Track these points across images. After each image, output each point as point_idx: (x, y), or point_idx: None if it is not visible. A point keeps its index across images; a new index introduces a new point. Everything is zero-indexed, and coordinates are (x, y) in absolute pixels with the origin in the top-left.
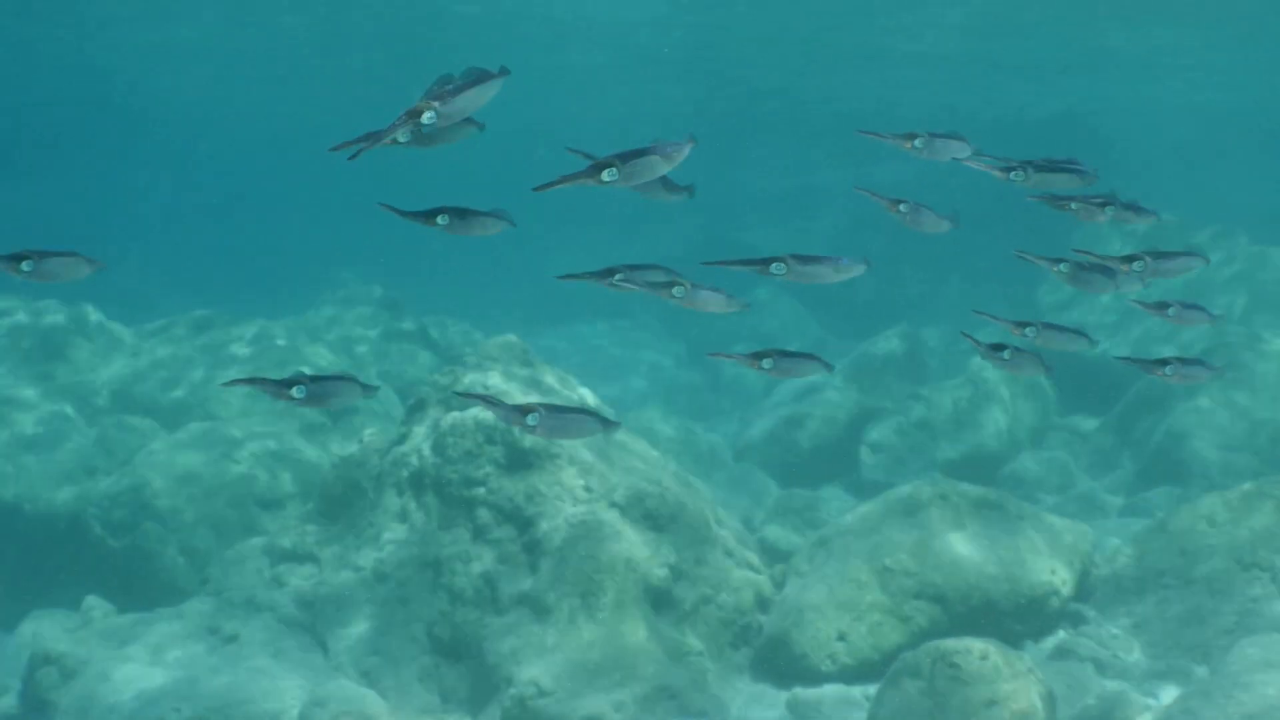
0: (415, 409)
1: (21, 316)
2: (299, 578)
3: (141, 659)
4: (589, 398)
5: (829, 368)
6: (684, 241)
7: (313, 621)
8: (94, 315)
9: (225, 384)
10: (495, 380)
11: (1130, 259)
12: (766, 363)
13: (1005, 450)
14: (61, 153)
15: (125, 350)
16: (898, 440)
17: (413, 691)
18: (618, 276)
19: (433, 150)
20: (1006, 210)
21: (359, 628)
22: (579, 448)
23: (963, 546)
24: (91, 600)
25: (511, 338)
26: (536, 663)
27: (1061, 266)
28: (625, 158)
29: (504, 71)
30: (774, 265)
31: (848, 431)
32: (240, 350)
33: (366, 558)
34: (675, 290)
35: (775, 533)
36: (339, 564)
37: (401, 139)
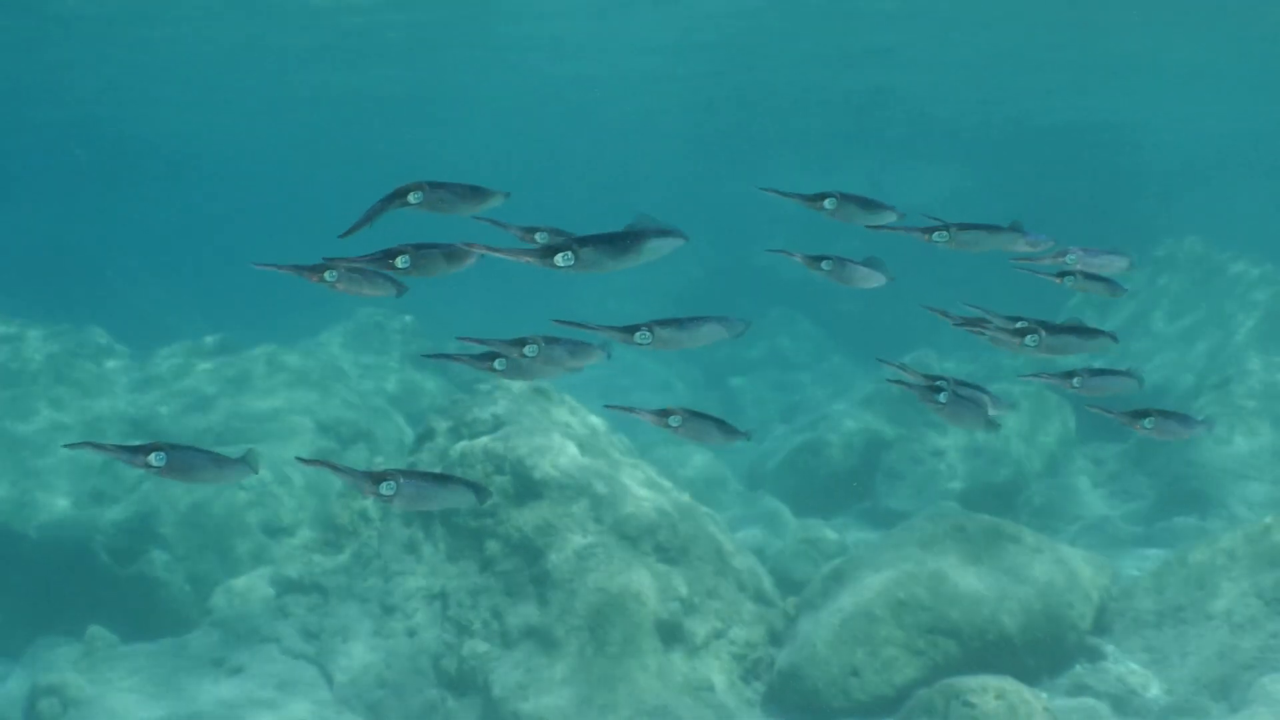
0: (424, 438)
1: (30, 340)
2: (304, 608)
3: (144, 690)
4: (599, 427)
5: (744, 437)
6: (702, 264)
7: (318, 653)
8: (102, 339)
9: (70, 445)
10: (503, 409)
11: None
12: (674, 420)
13: (1022, 478)
14: (70, 172)
15: (134, 374)
16: (914, 468)
17: None
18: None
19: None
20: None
21: (364, 660)
22: (590, 478)
23: (978, 580)
24: (95, 630)
25: None
26: (544, 697)
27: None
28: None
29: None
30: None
31: (864, 459)
32: (254, 374)
33: (373, 589)
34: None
35: (789, 564)
36: (345, 595)
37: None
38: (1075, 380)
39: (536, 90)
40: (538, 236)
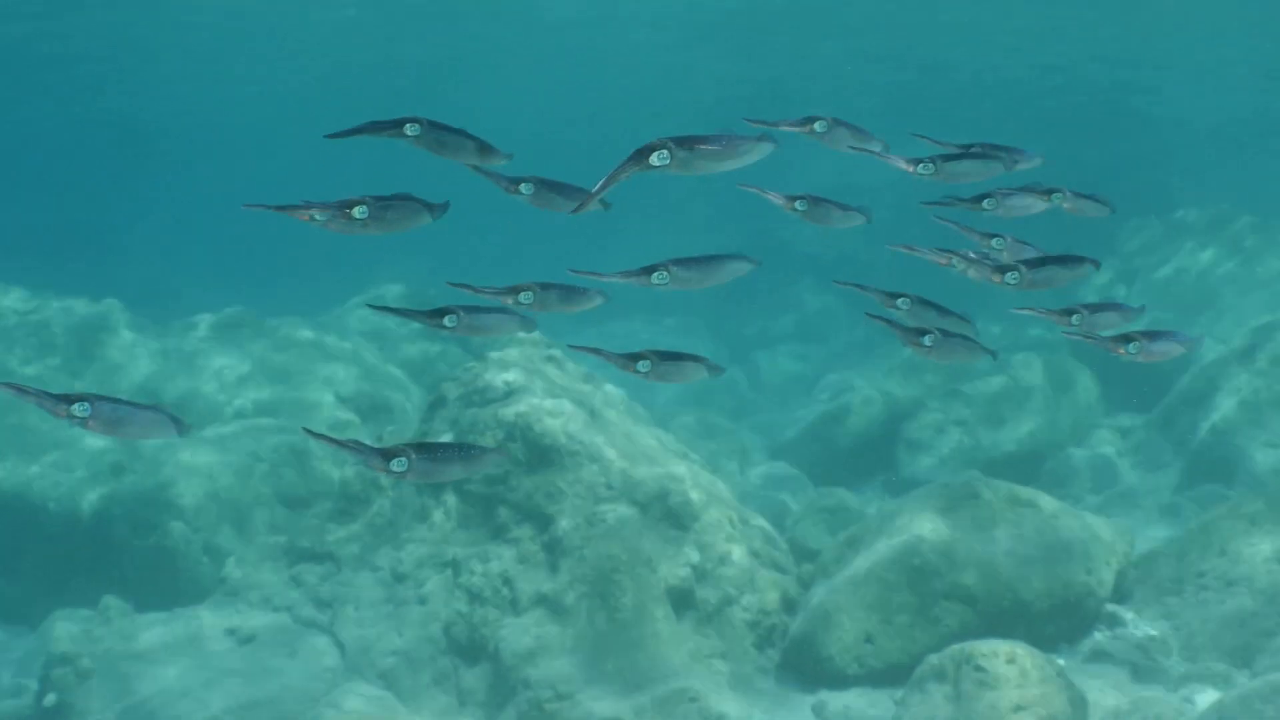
0: (435, 405)
1: (49, 313)
2: (316, 577)
3: (158, 659)
4: (614, 394)
5: (717, 370)
6: (727, 239)
7: (330, 621)
8: (121, 312)
9: None
10: (515, 376)
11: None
12: (642, 365)
13: (1046, 447)
14: (87, 145)
15: (153, 348)
16: (937, 437)
17: (430, 693)
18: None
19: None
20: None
21: (376, 628)
22: (602, 445)
23: (995, 546)
24: (109, 599)
25: (535, 333)
26: (554, 664)
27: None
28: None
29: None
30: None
31: (886, 429)
32: (269, 347)
33: (385, 557)
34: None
35: (806, 532)
36: (357, 564)
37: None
38: (1074, 318)
39: (568, 48)
40: (522, 187)
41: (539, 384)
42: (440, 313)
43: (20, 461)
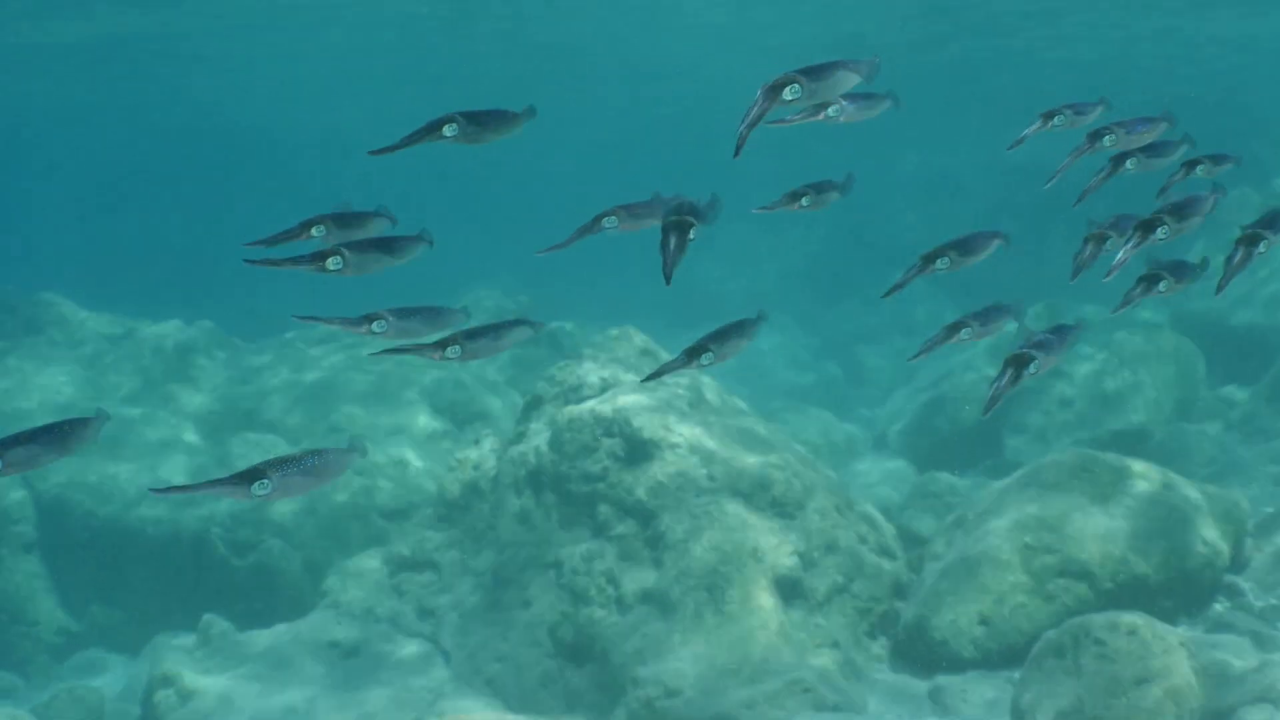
0: (531, 406)
1: (144, 336)
2: (418, 586)
3: (261, 677)
4: (710, 385)
5: (762, 320)
6: (821, 240)
7: (434, 630)
8: (215, 332)
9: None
10: (610, 372)
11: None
12: (705, 358)
13: (1153, 424)
14: (175, 169)
15: (244, 366)
16: (1042, 419)
17: (537, 697)
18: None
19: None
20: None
21: (480, 634)
22: (701, 437)
23: (1107, 519)
24: (208, 618)
25: (629, 329)
26: (663, 662)
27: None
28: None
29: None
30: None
31: (990, 414)
32: (361, 359)
33: (486, 561)
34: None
35: (914, 518)
36: (459, 570)
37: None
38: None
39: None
40: (605, 222)
41: (634, 379)
42: (442, 344)
43: (117, 487)
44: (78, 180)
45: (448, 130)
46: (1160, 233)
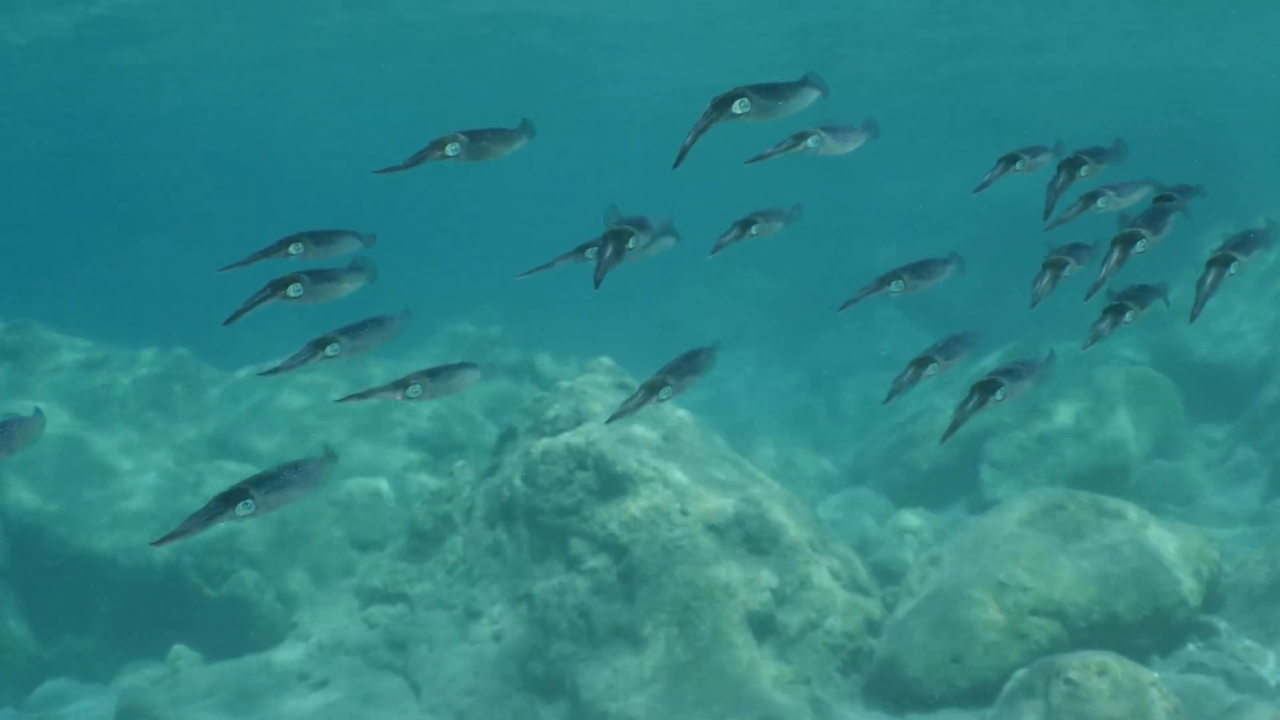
0: (506, 438)
1: (116, 363)
2: (390, 618)
3: (229, 708)
4: (686, 419)
5: (716, 349)
6: (804, 270)
7: (404, 663)
8: (189, 360)
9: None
10: (584, 405)
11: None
12: (664, 392)
13: (1130, 462)
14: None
15: (220, 395)
16: (1019, 456)
17: None
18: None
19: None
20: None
21: (451, 667)
22: (676, 471)
23: (1082, 558)
24: (178, 649)
25: (605, 360)
26: (633, 697)
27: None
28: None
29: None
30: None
31: (967, 449)
32: (340, 390)
33: (458, 594)
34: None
35: (889, 554)
36: (431, 602)
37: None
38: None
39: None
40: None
41: (609, 412)
42: (403, 384)
43: (89, 516)
44: (56, 207)
45: (450, 149)
46: (1139, 246)
